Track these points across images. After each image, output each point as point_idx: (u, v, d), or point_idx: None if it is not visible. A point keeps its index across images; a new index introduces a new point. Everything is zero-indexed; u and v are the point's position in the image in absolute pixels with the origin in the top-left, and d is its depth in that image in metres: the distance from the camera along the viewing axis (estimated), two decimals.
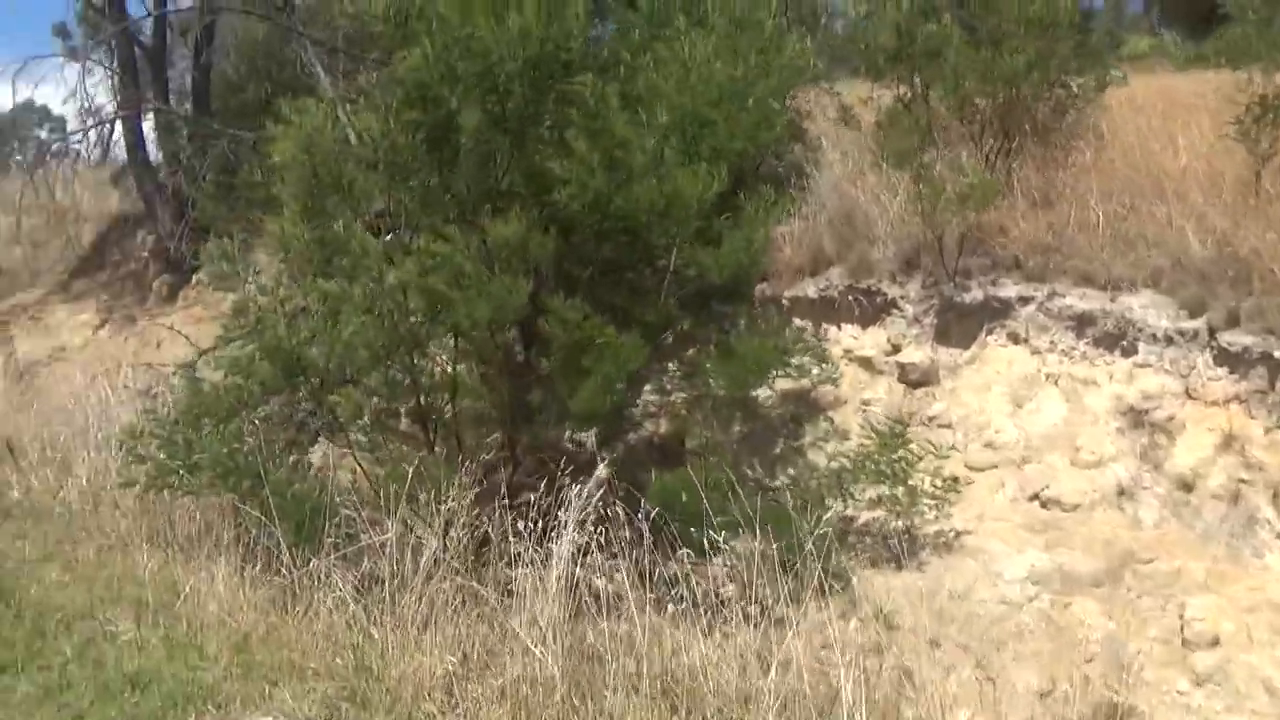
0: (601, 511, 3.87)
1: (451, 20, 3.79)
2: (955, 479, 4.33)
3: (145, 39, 11.15)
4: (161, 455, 4.37)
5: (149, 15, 10.24)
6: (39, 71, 19.03)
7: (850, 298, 5.69)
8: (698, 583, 4.01)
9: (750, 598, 4.03)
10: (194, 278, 11.84)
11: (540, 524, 3.92)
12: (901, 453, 4.34)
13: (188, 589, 3.32)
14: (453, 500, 3.90)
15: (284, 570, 3.89)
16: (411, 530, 3.96)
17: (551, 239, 3.97)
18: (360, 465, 4.95)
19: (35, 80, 13.88)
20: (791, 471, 4.89)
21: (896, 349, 5.40)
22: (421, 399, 4.83)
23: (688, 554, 3.99)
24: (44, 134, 27.79)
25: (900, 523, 4.51)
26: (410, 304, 4.19)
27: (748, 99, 4.18)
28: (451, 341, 4.57)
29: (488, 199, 4.16)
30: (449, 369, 4.59)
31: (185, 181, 9.59)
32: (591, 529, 3.76)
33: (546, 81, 3.90)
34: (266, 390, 4.69)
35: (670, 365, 5.28)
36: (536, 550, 3.97)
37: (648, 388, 5.45)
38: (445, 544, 3.80)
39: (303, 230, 4.74)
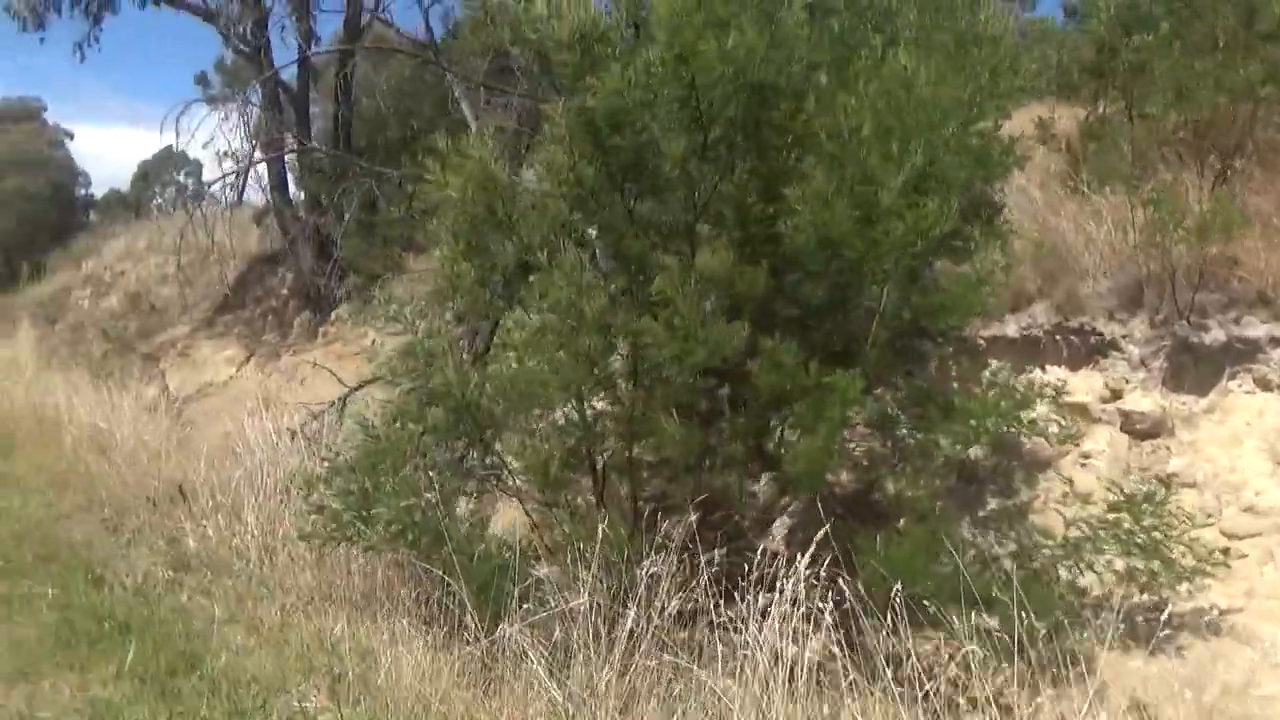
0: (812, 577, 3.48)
1: (660, 41, 3.49)
2: (1225, 550, 3.74)
3: (289, 81, 11.45)
4: (337, 506, 4.19)
5: (301, 58, 10.45)
6: (188, 120, 20.00)
7: (1057, 337, 5.13)
8: (917, 660, 3.57)
9: (981, 681, 3.56)
10: (333, 314, 12.02)
11: (735, 585, 3.59)
12: (1152, 520, 3.78)
13: (387, 664, 3.03)
14: (653, 564, 3.56)
15: (470, 638, 3.62)
16: (595, 595, 3.64)
17: (763, 274, 3.61)
18: (530, 516, 4.69)
19: (190, 131, 14.58)
20: (1012, 534, 4.36)
21: (1117, 395, 4.82)
22: (592, 446, 4.56)
23: (905, 627, 3.55)
24: (182, 178, 29.38)
25: (1146, 597, 3.94)
26: (603, 342, 3.92)
27: (975, 124, 3.76)
28: (629, 384, 4.28)
29: (686, 232, 3.85)
30: (635, 413, 4.28)
31: (333, 220, 9.68)
32: (812, 597, 3.39)
33: (758, 108, 3.57)
34: (439, 437, 4.48)
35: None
36: (737, 617, 3.63)
37: None
38: (649, 614, 3.45)
39: (469, 267, 4.57)
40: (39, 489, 5.32)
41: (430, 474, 4.32)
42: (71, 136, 26.00)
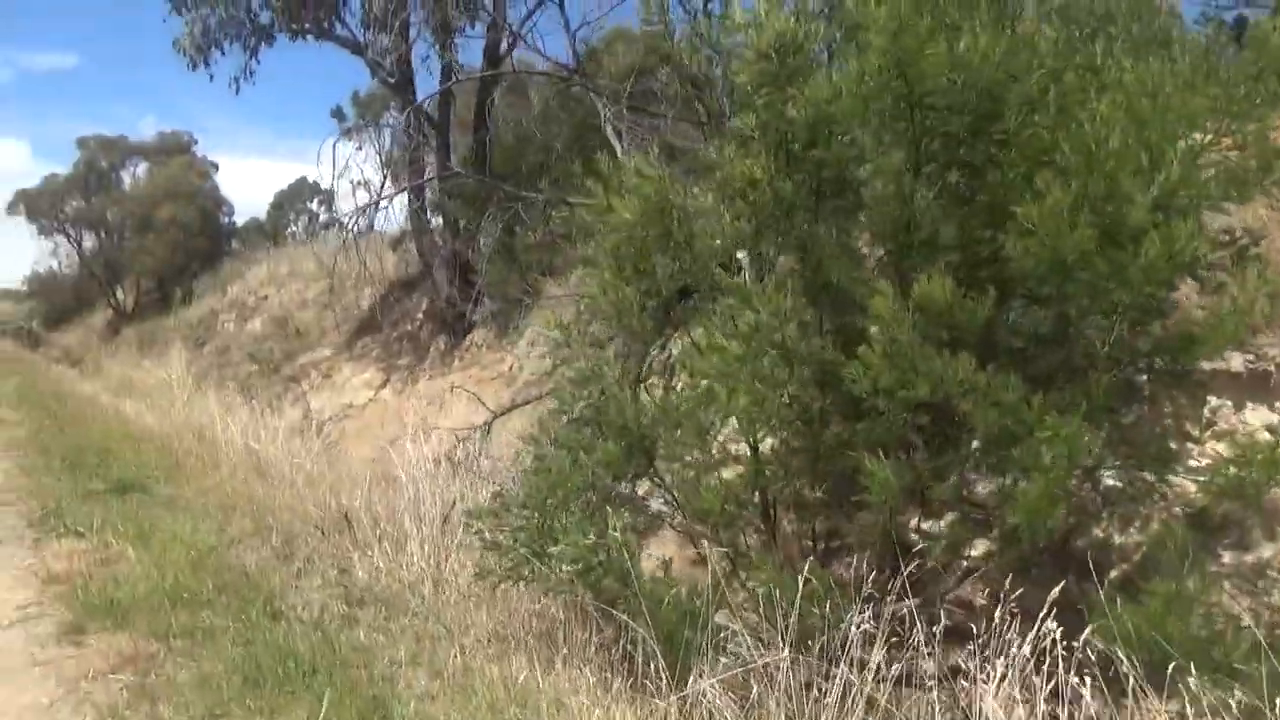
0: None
1: (878, 46, 3.21)
2: None
3: (430, 109, 11.63)
4: (509, 542, 4.03)
5: (446, 87, 10.60)
6: (327, 152, 20.75)
7: None
8: None
9: None
10: (467, 339, 12.11)
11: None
12: None
13: None
14: (864, 618, 3.24)
15: (656, 689, 3.37)
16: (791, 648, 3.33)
17: (987, 303, 3.25)
18: (704, 556, 4.44)
19: (347, 161, 15.25)
20: (1257, 593, 3.84)
21: None
22: (767, 483, 4.29)
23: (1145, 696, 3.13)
24: (314, 206, 30.65)
25: None
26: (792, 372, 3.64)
27: (1230, 135, 3.33)
28: (819, 418, 3.98)
29: (896, 254, 3.54)
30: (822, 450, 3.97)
31: (478, 244, 9.72)
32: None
33: (986, 119, 3.24)
34: (612, 470, 4.27)
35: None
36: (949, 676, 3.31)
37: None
38: (863, 675, 3.13)
39: (633, 292, 4.40)
40: (207, 513, 5.36)
41: (608, 509, 4.14)
42: (217, 168, 27.46)
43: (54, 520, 5.03)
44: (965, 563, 5.06)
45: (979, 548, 4.64)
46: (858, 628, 3.11)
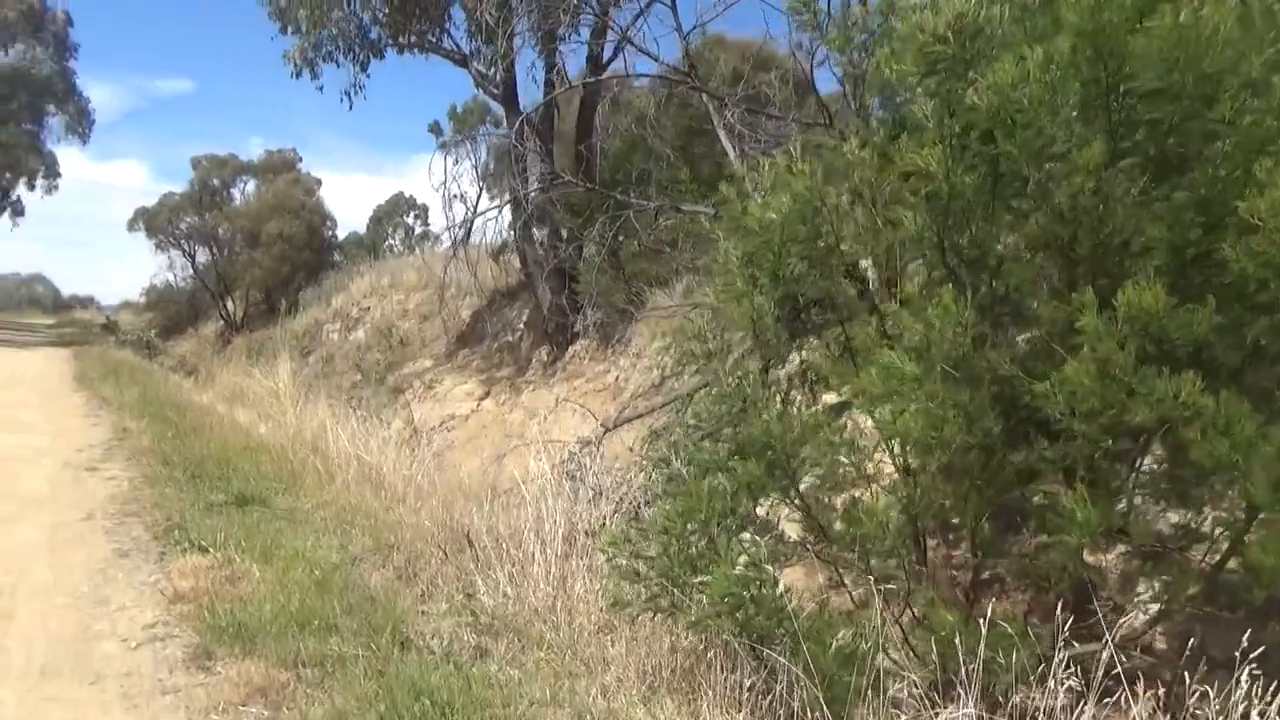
0: None
1: (1071, 23, 2.85)
2: None
3: (534, 118, 11.56)
4: (646, 569, 3.77)
5: (560, 91, 10.50)
6: (420, 165, 21.13)
7: None
8: None
9: None
10: (570, 350, 11.97)
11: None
12: None
13: None
14: (1065, 673, 2.86)
15: None
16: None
17: (1206, 314, 2.84)
18: (839, 584, 4.12)
19: (454, 177, 15.43)
20: None
21: None
22: (921, 511, 3.92)
23: None
24: (410, 219, 31.22)
25: None
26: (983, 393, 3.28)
27: None
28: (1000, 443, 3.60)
29: (1093, 259, 3.15)
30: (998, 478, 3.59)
31: (575, 254, 9.56)
32: None
33: (1202, 105, 2.84)
34: (753, 494, 3.97)
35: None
36: None
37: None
38: None
39: (767, 302, 4.12)
40: (326, 527, 5.27)
41: (748, 535, 3.86)
42: (320, 184, 28.25)
43: (178, 533, 4.99)
44: (1148, 603, 4.60)
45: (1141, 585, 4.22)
46: (1062, 684, 2.73)
